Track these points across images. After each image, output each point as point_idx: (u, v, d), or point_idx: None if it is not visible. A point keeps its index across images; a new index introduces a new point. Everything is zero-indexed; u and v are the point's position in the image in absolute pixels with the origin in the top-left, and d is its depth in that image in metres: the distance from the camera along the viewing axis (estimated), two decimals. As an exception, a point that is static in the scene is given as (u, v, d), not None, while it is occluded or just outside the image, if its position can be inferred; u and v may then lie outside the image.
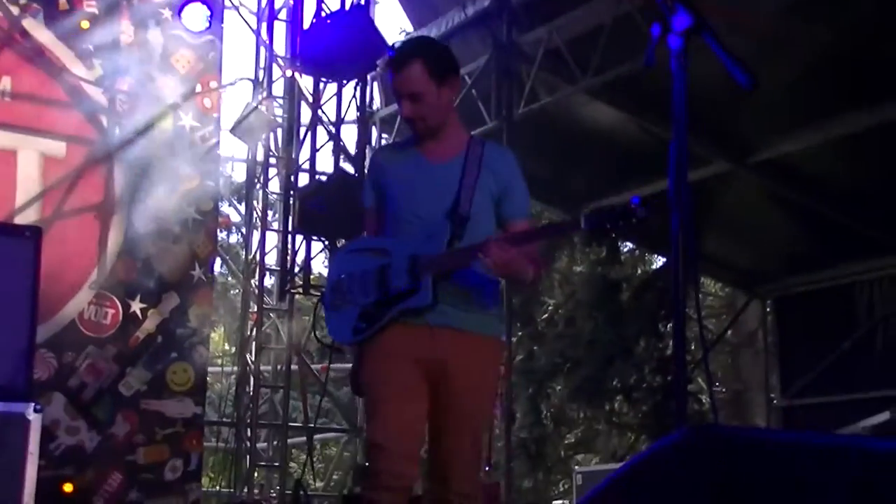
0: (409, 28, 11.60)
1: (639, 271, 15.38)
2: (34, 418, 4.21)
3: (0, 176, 7.62)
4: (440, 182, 3.44)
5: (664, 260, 14.14)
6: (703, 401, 13.95)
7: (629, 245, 14.87)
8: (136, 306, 7.93)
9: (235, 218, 13.17)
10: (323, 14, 8.27)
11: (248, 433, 9.25)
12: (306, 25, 8.40)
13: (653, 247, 12.79)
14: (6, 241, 4.53)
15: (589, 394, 14.09)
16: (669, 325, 13.95)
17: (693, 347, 11.90)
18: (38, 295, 4.44)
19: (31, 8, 7.76)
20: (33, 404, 4.23)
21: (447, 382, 3.34)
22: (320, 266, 12.27)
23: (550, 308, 15.46)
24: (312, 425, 9.69)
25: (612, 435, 15.35)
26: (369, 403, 3.43)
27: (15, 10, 7.72)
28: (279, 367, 9.79)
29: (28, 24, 7.75)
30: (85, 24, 7.70)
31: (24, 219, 7.50)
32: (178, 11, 8.06)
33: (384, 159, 3.67)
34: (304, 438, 10.03)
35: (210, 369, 9.59)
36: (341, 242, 8.75)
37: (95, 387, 7.70)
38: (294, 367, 9.53)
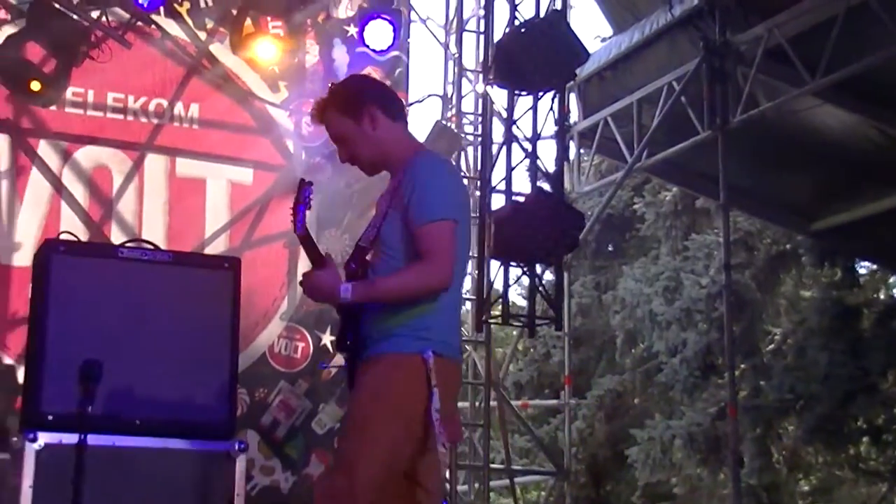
0: (608, 32, 11.65)
1: (881, 295, 14.87)
2: (239, 458, 4.50)
3: (190, 205, 8.17)
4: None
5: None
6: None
7: (867, 265, 14.45)
8: (327, 339, 8.26)
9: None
10: (516, 23, 8.43)
11: (448, 475, 9.45)
12: (498, 36, 8.57)
13: (896, 267, 12.37)
14: (206, 273, 4.86)
15: (827, 435, 13.67)
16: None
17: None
18: (238, 328, 4.76)
19: (217, 33, 8.32)
20: (237, 442, 4.53)
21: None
22: (515, 294, 12.41)
23: (777, 337, 15.13)
24: (514, 467, 9.75)
25: (859, 483, 14.85)
26: None
27: (202, 36, 8.31)
28: (477, 403, 9.95)
29: (215, 49, 8.33)
30: (270, 47, 8.10)
31: (214, 249, 8.03)
32: (361, 29, 8.35)
33: None
34: (507, 481, 10.20)
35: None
36: (540, 268, 8.90)
37: (288, 424, 8.08)
38: (493, 402, 9.69)
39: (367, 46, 8.39)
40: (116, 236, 7.80)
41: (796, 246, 14.60)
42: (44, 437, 4.24)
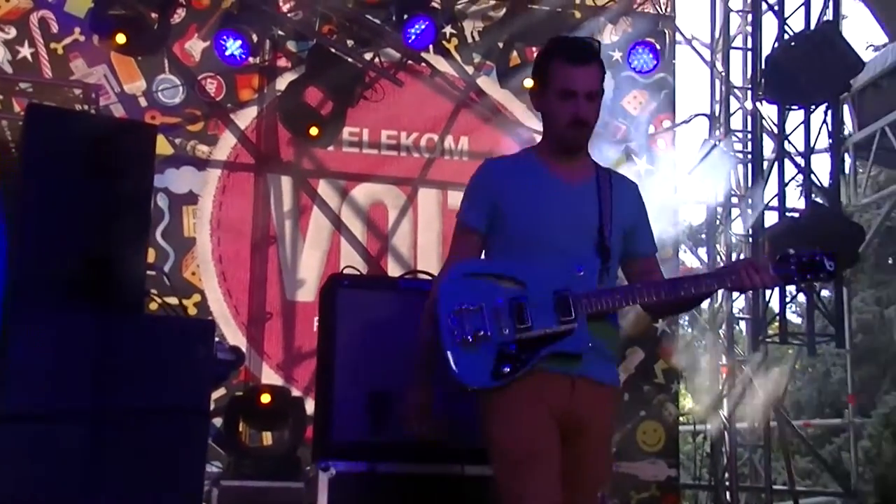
0: (882, 40, 11.10)
1: None
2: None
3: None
4: (579, 208, 3.24)
5: None
6: None
7: None
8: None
9: (695, 264, 13.20)
10: (786, 36, 8.13)
11: (728, 497, 9.15)
12: (766, 51, 8.30)
13: None
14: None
15: None
16: None
17: None
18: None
19: (484, 66, 8.35)
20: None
21: (582, 439, 3.13)
22: (791, 313, 11.93)
23: None
24: (799, 488, 9.37)
25: None
26: (510, 462, 3.06)
27: (470, 70, 8.37)
28: (755, 423, 9.60)
29: (483, 82, 8.36)
30: (531, 81, 8.03)
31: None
32: (628, 54, 8.20)
33: (504, 173, 3.34)
34: (790, 503, 9.76)
35: (680, 428, 9.62)
36: (818, 285, 8.49)
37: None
38: (772, 423, 9.32)
39: (633, 69, 8.28)
40: (393, 269, 7.91)
41: None
42: (336, 466, 4.25)
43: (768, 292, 8.72)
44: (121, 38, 7.20)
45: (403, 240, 8.18)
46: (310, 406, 5.31)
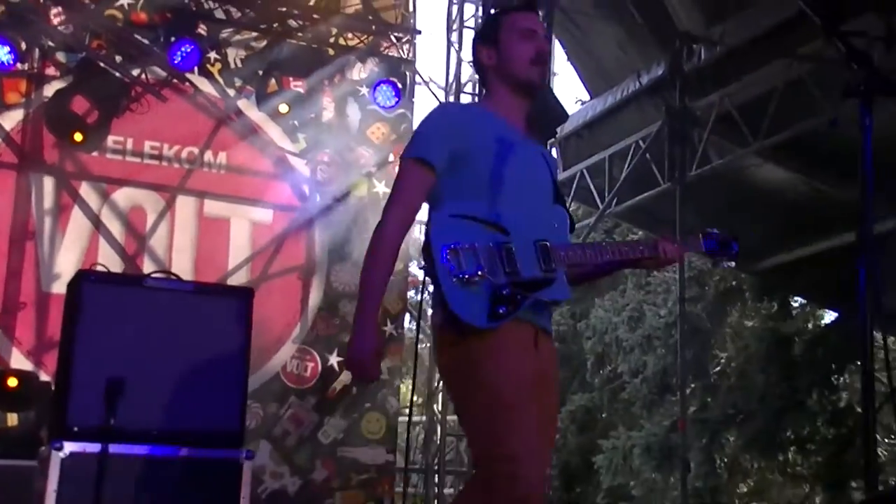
0: (586, 97, 11.56)
1: (810, 325, 14.76)
2: (246, 465, 4.27)
3: (215, 242, 7.90)
4: (533, 160, 2.93)
5: (835, 314, 13.57)
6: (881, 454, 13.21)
7: (799, 300, 14.37)
8: (334, 360, 8.03)
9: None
10: (505, 87, 8.28)
11: (437, 479, 9.21)
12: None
13: (823, 302, 12.28)
14: (222, 301, 4.62)
15: (762, 445, 13.60)
16: (842, 378, 13.36)
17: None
18: (249, 349, 4.51)
19: (245, 90, 8.10)
20: (245, 451, 4.29)
21: (545, 391, 2.80)
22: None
23: (723, 361, 15.04)
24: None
25: (787, 486, 14.75)
26: (503, 406, 2.62)
27: (231, 93, 8.09)
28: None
29: (242, 104, 8.10)
30: (286, 107, 7.95)
31: (236, 280, 7.76)
32: (373, 90, 8.24)
33: (465, 116, 2.97)
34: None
35: (399, 419, 9.64)
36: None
37: (297, 435, 7.83)
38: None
39: (377, 104, 8.30)
40: (149, 268, 7.50)
41: (741, 283, 14.64)
42: (69, 447, 4.00)
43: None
44: None
45: (160, 242, 7.78)
46: (54, 391, 4.92)
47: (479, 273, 2.65)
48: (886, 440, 14.06)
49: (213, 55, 8.01)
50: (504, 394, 2.62)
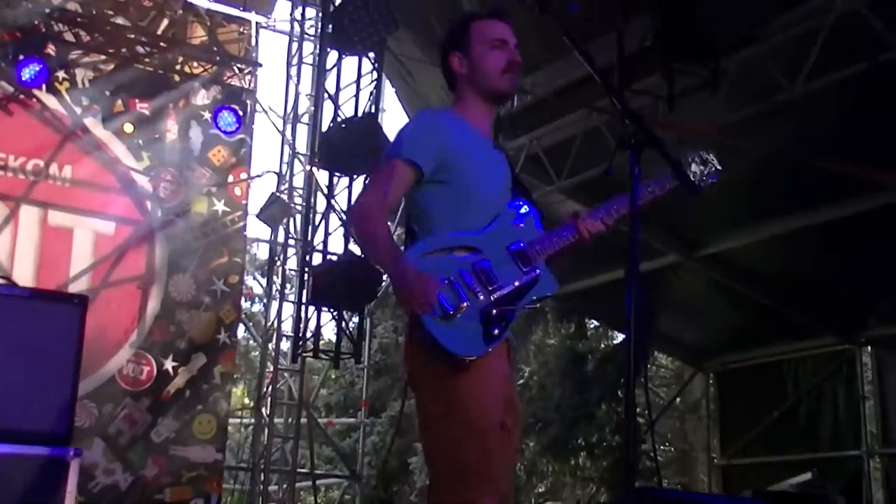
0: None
1: (602, 345, 15.29)
2: (73, 462, 4.11)
3: (57, 250, 7.59)
4: (499, 163, 2.81)
5: (623, 336, 14.10)
6: (655, 459, 13.79)
7: (595, 323, 14.84)
8: (169, 364, 7.85)
9: (258, 290, 13.09)
10: (339, 119, 8.30)
11: (262, 477, 9.06)
12: (324, 128, 8.42)
13: (613, 325, 12.75)
14: (57, 306, 4.45)
15: (557, 450, 13.93)
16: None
17: (647, 412, 11.78)
18: (81, 353, 4.34)
19: (92, 109, 7.82)
20: (73, 449, 4.13)
21: (513, 410, 2.60)
22: (330, 333, 12.15)
23: (525, 375, 15.33)
24: (317, 472, 9.47)
25: (577, 487, 15.16)
26: (477, 431, 2.46)
27: (78, 110, 7.79)
28: (290, 419, 9.62)
29: (89, 122, 7.81)
30: (131, 127, 7.74)
31: (77, 287, 7.48)
32: (215, 115, 8.13)
33: (449, 123, 2.74)
34: (310, 483, 9.84)
35: (230, 420, 9.44)
36: (347, 314, 8.67)
37: (131, 434, 7.60)
38: (303, 420, 9.37)
39: (219, 129, 8.21)
40: (-9, 273, 7.13)
41: (544, 305, 14.86)
42: None
43: (312, 317, 8.74)
44: None
45: (2, 249, 7.41)
46: None
47: (463, 304, 2.49)
48: (661, 447, 14.68)
49: (61, 74, 7.74)
50: (480, 418, 2.47)
